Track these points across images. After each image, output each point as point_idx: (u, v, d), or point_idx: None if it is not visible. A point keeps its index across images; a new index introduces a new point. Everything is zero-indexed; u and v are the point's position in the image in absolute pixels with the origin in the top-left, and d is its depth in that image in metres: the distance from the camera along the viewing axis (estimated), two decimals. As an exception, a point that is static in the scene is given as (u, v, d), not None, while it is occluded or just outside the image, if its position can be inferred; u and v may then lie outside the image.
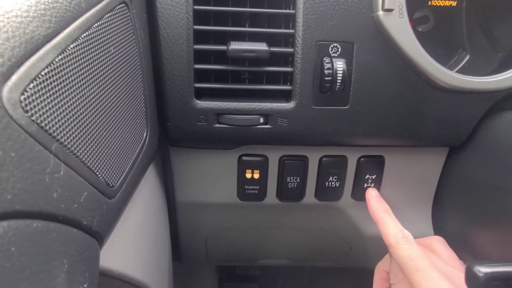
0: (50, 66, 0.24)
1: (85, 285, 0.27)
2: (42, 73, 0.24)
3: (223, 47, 0.46)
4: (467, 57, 0.60)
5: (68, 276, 0.25)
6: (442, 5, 0.60)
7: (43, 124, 0.23)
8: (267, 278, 1.23)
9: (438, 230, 0.63)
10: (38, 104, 0.23)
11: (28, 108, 0.22)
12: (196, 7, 0.45)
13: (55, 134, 0.24)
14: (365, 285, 1.24)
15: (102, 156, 0.31)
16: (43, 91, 0.24)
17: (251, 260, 0.82)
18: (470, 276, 0.31)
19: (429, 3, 0.59)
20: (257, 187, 0.56)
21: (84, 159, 0.27)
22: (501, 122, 0.51)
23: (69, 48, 0.26)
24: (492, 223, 0.51)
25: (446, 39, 0.60)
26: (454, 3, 0.59)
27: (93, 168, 0.29)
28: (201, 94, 0.50)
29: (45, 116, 0.23)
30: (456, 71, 0.59)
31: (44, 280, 0.22)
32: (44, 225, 0.23)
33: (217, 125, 0.49)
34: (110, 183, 0.32)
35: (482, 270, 0.30)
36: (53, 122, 0.24)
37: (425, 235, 0.64)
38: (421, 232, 0.64)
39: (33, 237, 0.22)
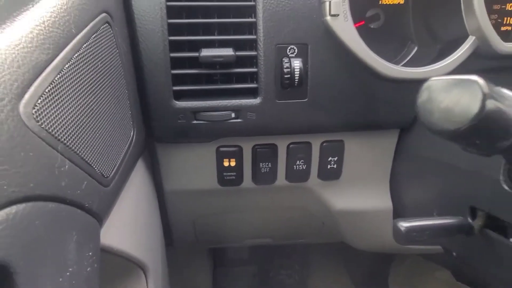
0: (52, 84, 0.31)
1: (90, 253, 0.34)
2: (46, 91, 0.31)
3: (196, 54, 0.53)
4: (416, 49, 0.68)
5: (77, 245, 0.32)
6: (391, 3, 0.67)
7: (50, 130, 0.30)
8: (260, 260, 1.30)
9: (396, 202, 0.71)
10: (45, 115, 0.30)
11: (38, 118, 0.29)
12: (170, 20, 0.52)
13: (60, 137, 0.31)
14: (348, 259, 1.31)
15: (97, 152, 0.38)
16: (48, 104, 0.31)
17: (237, 241, 0.90)
18: (395, 230, 0.39)
19: (380, 2, 0.67)
20: (235, 174, 0.64)
21: (83, 155, 0.35)
22: None
23: (64, 68, 0.33)
24: (438, 193, 0.59)
25: (397, 34, 0.68)
26: (402, 1, 0.67)
27: (91, 162, 0.36)
28: (180, 95, 0.57)
29: (51, 123, 0.31)
30: (406, 62, 0.67)
31: (61, 245, 0.30)
32: (56, 206, 0.30)
33: (195, 122, 0.56)
34: (105, 174, 0.39)
35: (404, 224, 0.39)
36: (58, 128, 0.31)
37: (385, 208, 0.72)
38: (381, 206, 0.72)
39: (49, 214, 0.29)
